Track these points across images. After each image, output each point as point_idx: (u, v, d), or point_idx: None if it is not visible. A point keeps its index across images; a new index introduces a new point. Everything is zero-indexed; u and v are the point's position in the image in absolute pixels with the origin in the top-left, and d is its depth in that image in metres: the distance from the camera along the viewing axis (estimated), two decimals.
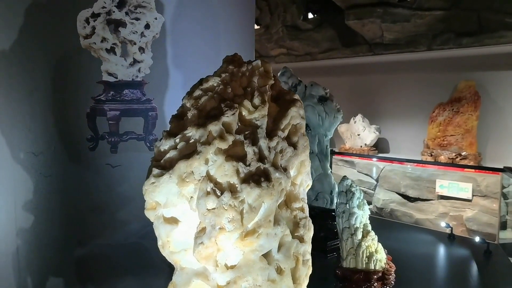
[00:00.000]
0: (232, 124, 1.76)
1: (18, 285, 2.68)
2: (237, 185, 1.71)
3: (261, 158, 1.76)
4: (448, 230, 4.42)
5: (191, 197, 1.73)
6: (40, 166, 2.58)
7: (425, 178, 8.07)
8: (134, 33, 2.56)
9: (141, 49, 2.58)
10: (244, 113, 1.82)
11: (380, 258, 2.99)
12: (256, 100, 1.84)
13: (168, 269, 2.77)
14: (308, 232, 1.89)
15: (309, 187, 2.08)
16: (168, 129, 1.90)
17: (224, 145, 1.72)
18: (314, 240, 3.92)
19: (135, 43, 2.56)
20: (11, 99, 2.65)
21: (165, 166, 1.80)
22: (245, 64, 1.92)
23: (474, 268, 3.67)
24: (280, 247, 1.80)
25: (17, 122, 2.65)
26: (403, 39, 8.89)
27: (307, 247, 1.88)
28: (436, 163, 8.02)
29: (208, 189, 1.70)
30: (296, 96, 2.02)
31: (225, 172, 1.71)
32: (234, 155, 1.75)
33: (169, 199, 1.77)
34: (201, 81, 1.91)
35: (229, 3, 3.00)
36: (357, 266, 2.93)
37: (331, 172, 4.08)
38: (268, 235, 1.72)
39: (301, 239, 1.86)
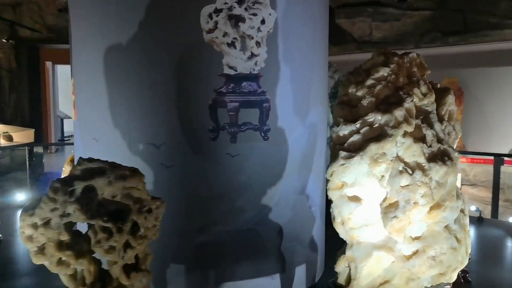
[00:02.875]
0: (412, 110, 1.96)
1: None
2: (424, 164, 1.90)
3: (439, 139, 1.96)
4: (477, 214, 4.80)
5: (382, 176, 1.91)
6: (162, 157, 2.64)
7: None
8: (252, 28, 2.67)
9: (258, 44, 2.70)
10: (415, 100, 2.01)
11: None
12: (423, 88, 2.04)
13: (277, 253, 2.92)
14: (466, 205, 2.11)
15: None
16: (340, 116, 2.06)
17: (410, 129, 1.92)
18: None
19: (252, 38, 2.68)
20: (130, 92, 2.69)
21: (350, 149, 1.97)
22: (405, 56, 2.11)
23: None
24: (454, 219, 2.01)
25: (135, 115, 2.70)
26: (391, 37, 9.34)
27: (467, 219, 2.10)
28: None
29: (400, 168, 1.89)
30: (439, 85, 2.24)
31: (413, 153, 1.91)
32: (416, 137, 1.94)
33: (358, 179, 1.94)
34: (369, 72, 2.08)
35: (320, 2, 3.17)
36: None
37: None
38: (451, 208, 1.93)
39: (463, 212, 2.07)
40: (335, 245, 2.34)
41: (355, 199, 1.99)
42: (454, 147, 2.06)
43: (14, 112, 14.16)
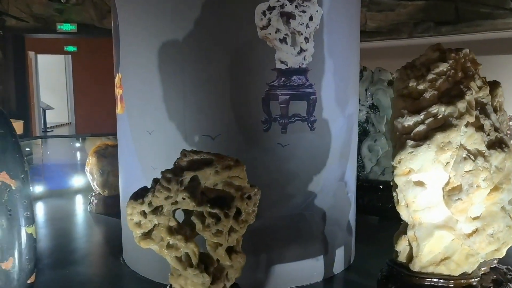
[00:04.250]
0: (472, 102, 2.15)
1: None
2: (484, 151, 2.11)
3: (495, 128, 2.17)
4: None
5: (447, 162, 2.10)
6: (217, 148, 2.77)
7: None
8: (301, 24, 2.81)
9: (306, 39, 2.84)
10: (472, 92, 2.21)
11: None
12: (478, 82, 2.24)
13: (321, 237, 3.11)
14: None
15: None
16: (403, 108, 2.24)
17: (471, 119, 2.11)
18: (384, 210, 4.36)
19: (301, 34, 2.82)
20: (186, 86, 2.82)
21: (415, 138, 2.16)
22: (459, 51, 2.30)
23: None
24: None
25: (191, 108, 2.82)
26: (385, 27, 9.57)
27: None
28: None
29: (464, 155, 2.09)
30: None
31: (475, 141, 2.11)
32: (476, 126, 2.14)
33: (424, 165, 2.13)
34: (429, 67, 2.26)
35: (357, 2, 3.34)
36: None
37: None
38: (508, 190, 2.14)
39: None
40: None
41: (420, 184, 2.18)
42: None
43: (1, 104, 13.94)
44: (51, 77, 18.36)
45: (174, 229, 1.80)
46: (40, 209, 4.99)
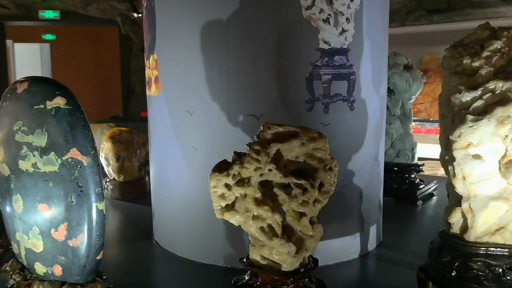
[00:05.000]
0: None
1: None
2: None
3: None
4: None
5: (506, 135, 2.19)
6: None
7: None
8: (343, 5, 2.85)
9: (348, 20, 2.89)
10: None
11: None
12: None
13: (358, 214, 3.19)
14: None
15: None
16: (460, 84, 2.32)
17: None
18: (399, 191, 4.47)
19: (343, 14, 2.86)
20: (230, 67, 2.82)
21: (474, 113, 2.24)
22: (510, 30, 2.39)
23: None
24: None
25: (236, 88, 2.84)
26: None
27: None
28: None
29: None
30: None
31: None
32: None
33: (483, 139, 2.21)
34: (482, 45, 2.35)
35: None
36: None
37: (412, 132, 4.68)
38: None
39: None
40: None
41: (477, 157, 2.26)
42: None
43: None
44: (26, 66, 17.89)
45: (260, 200, 1.83)
46: None
